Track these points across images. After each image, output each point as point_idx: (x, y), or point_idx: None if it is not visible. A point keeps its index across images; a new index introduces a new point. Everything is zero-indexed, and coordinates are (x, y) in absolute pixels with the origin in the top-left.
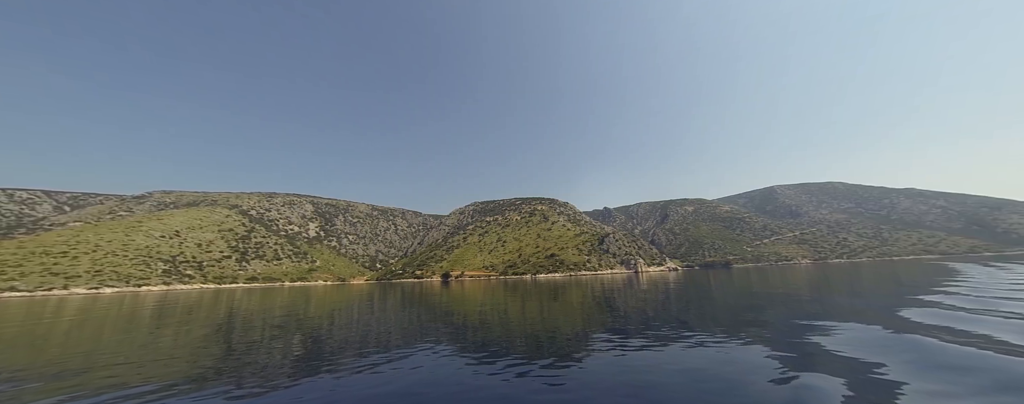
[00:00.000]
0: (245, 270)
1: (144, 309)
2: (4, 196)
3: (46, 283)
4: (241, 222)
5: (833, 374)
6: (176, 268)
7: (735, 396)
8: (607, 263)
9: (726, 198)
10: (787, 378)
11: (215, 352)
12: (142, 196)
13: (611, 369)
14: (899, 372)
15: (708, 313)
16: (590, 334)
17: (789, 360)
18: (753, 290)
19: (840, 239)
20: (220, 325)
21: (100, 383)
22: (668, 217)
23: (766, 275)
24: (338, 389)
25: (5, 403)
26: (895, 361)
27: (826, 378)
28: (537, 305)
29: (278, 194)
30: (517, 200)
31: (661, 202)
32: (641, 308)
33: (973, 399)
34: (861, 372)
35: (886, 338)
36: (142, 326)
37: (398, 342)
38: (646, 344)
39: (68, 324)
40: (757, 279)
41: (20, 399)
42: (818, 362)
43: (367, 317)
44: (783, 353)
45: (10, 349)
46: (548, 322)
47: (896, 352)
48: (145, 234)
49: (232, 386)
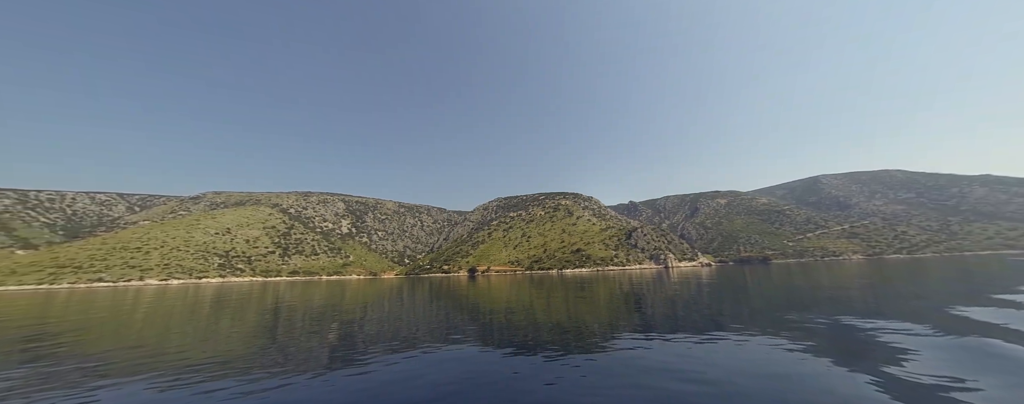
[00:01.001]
0: (287, 264)
1: (205, 299)
2: (88, 199)
3: (126, 275)
4: (282, 220)
5: (885, 379)
6: (229, 262)
7: (774, 400)
8: (635, 258)
9: (762, 190)
10: (833, 384)
11: (264, 338)
12: (197, 197)
13: (639, 367)
14: (970, 378)
15: (744, 311)
16: (617, 330)
17: (836, 364)
18: (795, 287)
19: (898, 233)
20: (268, 314)
21: (171, 359)
22: (698, 211)
23: (810, 271)
24: (373, 377)
25: (99, 373)
26: (966, 368)
27: (877, 383)
28: (563, 300)
29: (313, 193)
30: (540, 195)
31: (690, 195)
32: (671, 305)
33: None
34: (929, 381)
35: (953, 342)
36: (203, 313)
37: (429, 334)
38: (677, 343)
39: (145, 311)
40: (800, 275)
41: (110, 370)
42: (869, 365)
43: (400, 310)
44: (829, 356)
45: (102, 331)
46: (574, 317)
47: (968, 358)
48: (202, 231)
49: (278, 368)
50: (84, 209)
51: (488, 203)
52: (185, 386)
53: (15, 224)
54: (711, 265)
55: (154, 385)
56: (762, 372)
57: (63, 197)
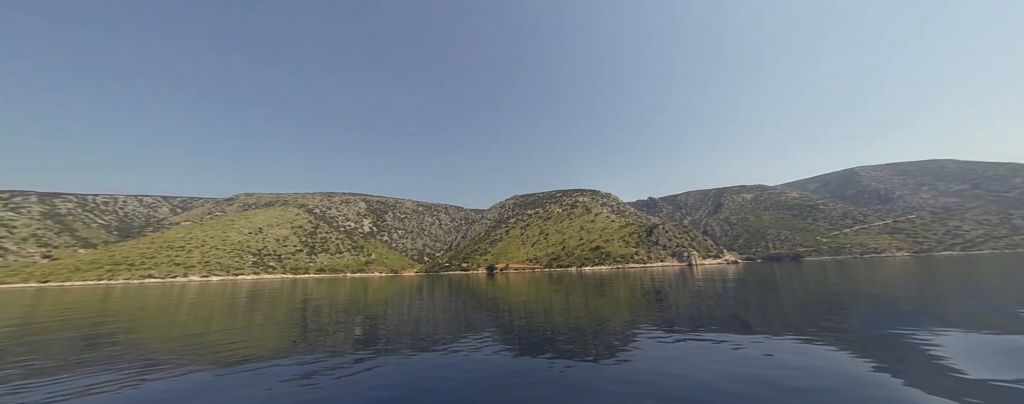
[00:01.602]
0: (314, 262)
1: (241, 294)
2: (137, 201)
3: (172, 272)
4: (308, 220)
5: (931, 389)
6: (262, 260)
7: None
8: (657, 255)
9: (792, 184)
10: (872, 392)
11: (295, 330)
12: (230, 198)
13: (661, 368)
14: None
15: (773, 311)
16: (638, 329)
17: (876, 370)
18: (831, 286)
19: (950, 227)
20: (298, 310)
21: (213, 348)
22: (722, 206)
23: (847, 269)
24: (396, 369)
25: (149, 359)
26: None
27: (922, 394)
28: (582, 298)
29: (336, 194)
30: (557, 192)
31: (713, 190)
32: (695, 304)
33: None
34: (978, 392)
35: (1013, 345)
36: (240, 308)
37: (449, 331)
38: (700, 343)
39: (189, 305)
40: (836, 274)
41: (159, 357)
42: (913, 374)
43: (420, 307)
44: (869, 361)
45: (153, 322)
46: (594, 315)
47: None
48: (237, 231)
49: (307, 357)
50: (134, 211)
51: (505, 201)
52: (223, 375)
53: (77, 225)
54: (738, 262)
55: (196, 370)
56: (792, 378)
57: (116, 200)
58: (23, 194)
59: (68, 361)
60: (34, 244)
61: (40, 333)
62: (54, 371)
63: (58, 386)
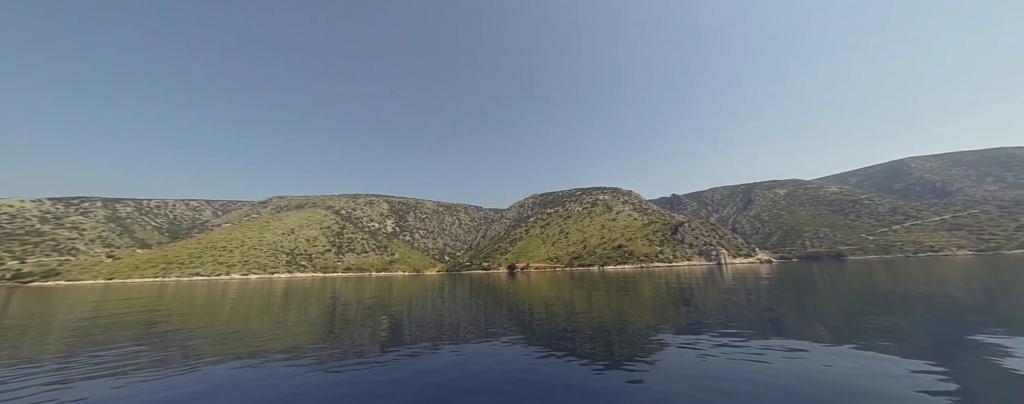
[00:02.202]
0: (342, 261)
1: (276, 291)
2: (184, 205)
3: (217, 270)
4: (335, 220)
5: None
6: (294, 259)
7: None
8: (683, 254)
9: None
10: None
11: (324, 326)
12: (264, 201)
13: (688, 370)
14: None
15: (812, 313)
16: (663, 330)
17: (939, 380)
18: (877, 287)
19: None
20: (328, 307)
21: (250, 340)
22: (752, 203)
23: (898, 269)
24: (418, 367)
25: (199, 349)
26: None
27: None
28: (605, 297)
29: (361, 195)
30: (577, 191)
31: (742, 186)
32: (725, 304)
33: None
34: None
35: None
36: (275, 304)
37: (470, 329)
38: (731, 346)
39: (231, 301)
40: (884, 274)
41: (203, 347)
42: (980, 386)
43: (445, 304)
44: (925, 371)
45: (201, 315)
46: (617, 315)
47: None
48: (271, 232)
49: (336, 353)
50: (181, 214)
51: (524, 200)
52: (258, 365)
53: (135, 228)
54: (772, 262)
55: (236, 358)
56: (837, 388)
57: (166, 204)
58: (90, 200)
59: (132, 347)
60: (100, 245)
61: (110, 323)
62: (121, 355)
63: (124, 367)
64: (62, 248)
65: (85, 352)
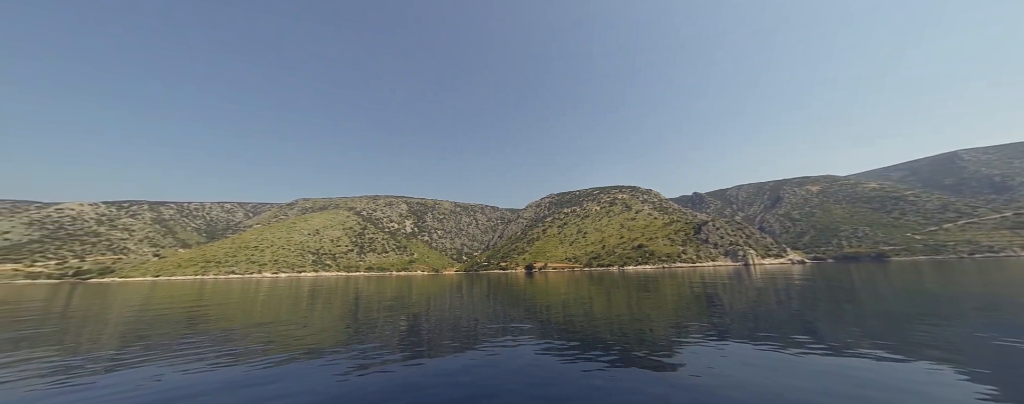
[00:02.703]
0: (364, 261)
1: (303, 289)
2: (219, 208)
3: (250, 268)
4: (357, 221)
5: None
6: (320, 259)
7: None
8: (707, 254)
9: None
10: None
11: (348, 322)
12: (291, 203)
13: (715, 375)
14: None
15: (850, 319)
16: (688, 333)
17: (992, 391)
18: (926, 290)
19: None
20: (351, 304)
21: (280, 333)
22: (781, 200)
23: (951, 271)
24: (439, 365)
25: (232, 338)
26: None
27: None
28: (624, 298)
29: (381, 196)
30: (595, 190)
31: (770, 183)
32: (753, 306)
33: None
34: None
35: None
36: (303, 301)
37: (488, 328)
38: (760, 351)
39: (263, 297)
40: (936, 277)
41: (237, 337)
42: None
43: (464, 304)
44: (983, 381)
45: (236, 310)
46: (637, 316)
47: None
48: (298, 233)
49: (357, 349)
50: (217, 216)
51: (541, 200)
52: (288, 360)
53: (177, 229)
54: (805, 263)
55: (267, 350)
56: (878, 399)
57: (203, 206)
58: (137, 203)
59: (177, 338)
60: (147, 244)
61: (158, 318)
62: (167, 344)
63: (170, 353)
64: (115, 247)
65: (138, 343)
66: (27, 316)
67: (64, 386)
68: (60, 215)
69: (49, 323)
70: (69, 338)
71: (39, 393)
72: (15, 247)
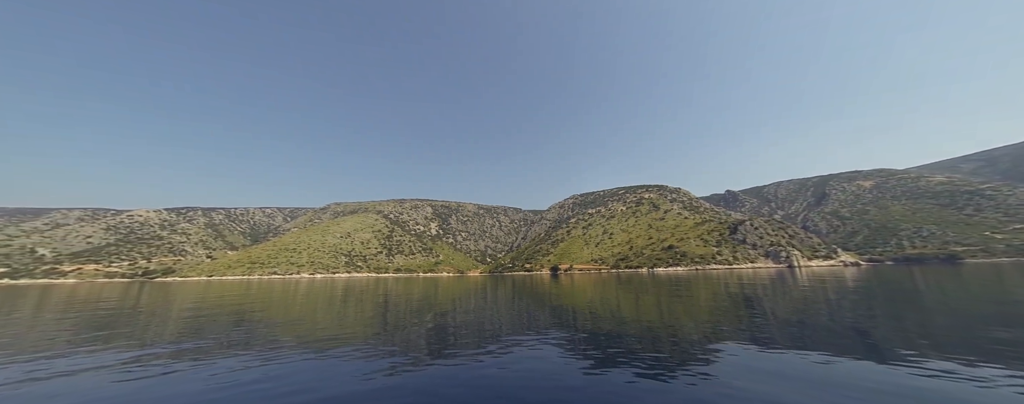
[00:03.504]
0: (392, 262)
1: (337, 290)
2: (261, 213)
3: (289, 269)
4: (385, 224)
5: None
6: (352, 261)
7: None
8: (745, 256)
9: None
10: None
11: (378, 323)
12: (324, 207)
13: (752, 382)
14: None
15: (915, 327)
16: (721, 338)
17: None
18: (1013, 297)
19: None
20: (380, 304)
21: (318, 330)
22: (827, 197)
23: None
24: (459, 367)
25: (275, 336)
26: None
27: None
28: (654, 301)
29: (407, 200)
30: (620, 189)
31: (814, 179)
32: (800, 312)
33: None
34: None
35: None
36: (336, 301)
37: (512, 330)
38: (806, 361)
39: (302, 297)
40: (1020, 280)
41: (277, 332)
42: None
43: (490, 305)
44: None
45: (278, 309)
46: (668, 320)
47: None
48: (332, 236)
49: (384, 344)
50: (259, 221)
51: (564, 201)
52: (321, 357)
53: (225, 232)
54: (859, 264)
55: (304, 347)
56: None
57: (247, 212)
58: (193, 209)
59: (227, 332)
60: (202, 247)
61: (213, 313)
62: (219, 338)
63: (220, 343)
64: (175, 249)
65: (195, 336)
66: (105, 311)
67: (133, 372)
68: (131, 221)
69: (123, 318)
70: (139, 331)
71: (113, 378)
72: (96, 249)
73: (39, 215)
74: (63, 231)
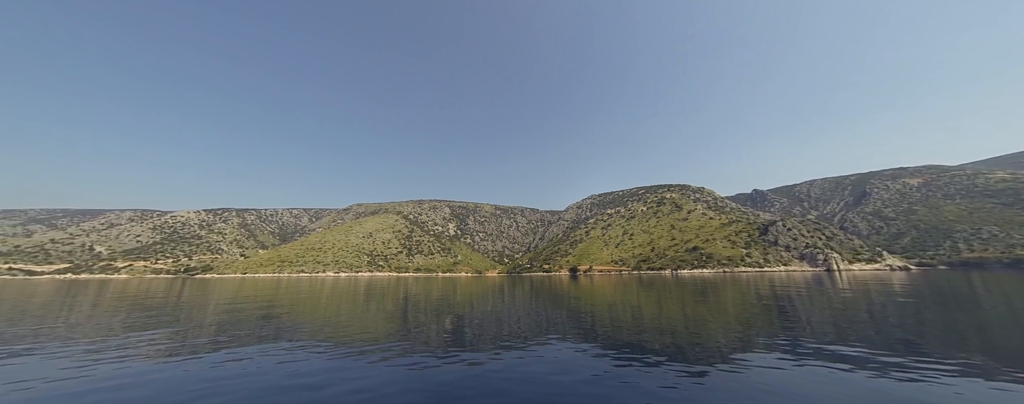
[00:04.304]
0: (412, 262)
1: (360, 288)
2: (288, 214)
3: (316, 268)
4: (405, 225)
5: None
6: (374, 260)
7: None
8: (777, 258)
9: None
10: None
11: (399, 322)
12: (347, 208)
13: (784, 392)
14: None
15: (974, 338)
16: (750, 345)
17: None
18: None
19: None
20: (401, 303)
21: (344, 326)
22: (868, 196)
23: None
24: (486, 363)
25: (302, 331)
26: None
27: None
28: (678, 303)
29: (425, 201)
30: (640, 189)
31: (852, 176)
32: (836, 318)
33: None
34: None
35: None
36: (359, 299)
37: (534, 330)
38: (845, 373)
39: (327, 295)
40: None
41: (303, 327)
42: None
43: (508, 305)
44: None
45: (305, 305)
46: (693, 327)
47: None
48: (354, 236)
49: (404, 342)
50: (287, 221)
51: (582, 201)
52: (344, 354)
53: (257, 232)
54: (909, 269)
55: (328, 341)
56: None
57: (276, 212)
58: (227, 210)
59: (258, 326)
60: (236, 246)
61: (246, 307)
62: (250, 330)
63: (253, 336)
64: (213, 248)
65: (231, 329)
66: (153, 304)
67: (174, 359)
68: (174, 221)
69: (168, 310)
70: (182, 322)
71: (155, 365)
72: (145, 248)
73: (96, 216)
74: (116, 230)
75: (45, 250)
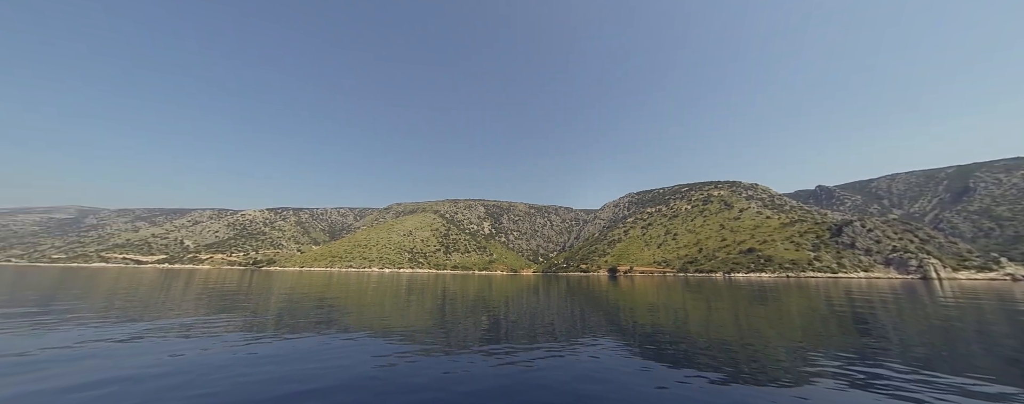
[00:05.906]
0: (450, 260)
1: (402, 284)
2: (335, 212)
3: (362, 264)
4: (442, 223)
5: None
6: (414, 257)
7: None
8: (855, 262)
9: None
10: None
11: (437, 317)
12: (387, 207)
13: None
14: None
15: None
16: (818, 360)
17: None
18: None
19: None
20: (439, 300)
21: (389, 318)
22: (971, 192)
23: None
24: (516, 366)
25: (342, 320)
26: None
27: None
28: (730, 309)
29: (461, 200)
30: (683, 186)
31: (947, 170)
32: (934, 334)
33: None
34: None
35: None
36: (401, 295)
37: (570, 331)
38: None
39: (372, 290)
40: None
41: (347, 319)
42: None
43: (542, 305)
44: None
45: (354, 298)
46: (747, 338)
47: None
48: (396, 234)
49: (443, 339)
50: (335, 219)
51: (619, 199)
52: (383, 347)
53: (310, 230)
54: None
55: (372, 335)
56: None
57: (326, 211)
58: (286, 209)
59: (312, 314)
60: (293, 242)
61: (304, 297)
62: (306, 319)
63: (310, 322)
64: (275, 243)
65: (291, 316)
66: (229, 291)
67: (245, 337)
68: (244, 219)
69: (241, 296)
70: (252, 306)
71: (229, 344)
72: (222, 243)
73: (183, 214)
74: (200, 227)
75: (148, 243)
